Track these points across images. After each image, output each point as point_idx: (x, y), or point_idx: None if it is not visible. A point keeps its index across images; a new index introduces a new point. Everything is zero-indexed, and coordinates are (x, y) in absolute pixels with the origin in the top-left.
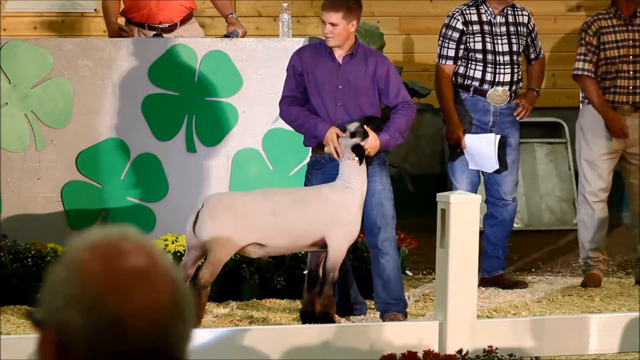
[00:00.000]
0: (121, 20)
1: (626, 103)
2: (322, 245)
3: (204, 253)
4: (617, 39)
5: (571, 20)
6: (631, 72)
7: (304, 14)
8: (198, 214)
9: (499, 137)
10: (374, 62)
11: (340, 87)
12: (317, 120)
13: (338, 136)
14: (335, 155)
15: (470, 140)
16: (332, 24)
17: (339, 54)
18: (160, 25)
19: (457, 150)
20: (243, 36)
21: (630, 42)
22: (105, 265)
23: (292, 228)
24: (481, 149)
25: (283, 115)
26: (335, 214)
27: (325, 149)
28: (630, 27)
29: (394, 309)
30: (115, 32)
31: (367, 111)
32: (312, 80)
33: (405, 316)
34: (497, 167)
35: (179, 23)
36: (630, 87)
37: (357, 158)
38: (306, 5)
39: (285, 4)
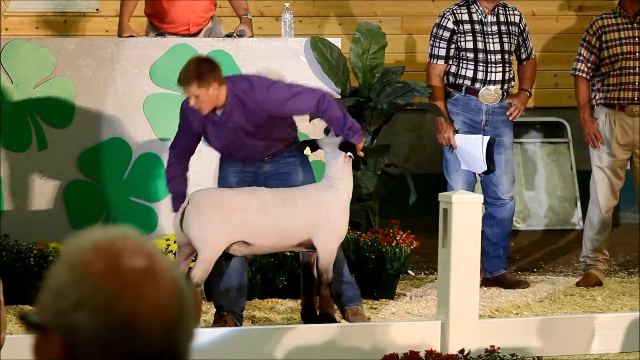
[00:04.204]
0: (142, 20)
1: (631, 99)
2: (309, 245)
3: (194, 250)
4: (620, 37)
5: (573, 20)
6: (636, 69)
7: (306, 14)
8: (184, 210)
9: (487, 138)
10: (252, 100)
11: (234, 137)
12: (178, 198)
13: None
14: None
15: (460, 141)
16: (194, 96)
17: (219, 112)
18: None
19: (450, 150)
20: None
21: (636, 39)
22: (110, 266)
23: (277, 227)
24: (469, 149)
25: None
26: (320, 214)
27: (306, 150)
28: (635, 25)
29: (354, 297)
30: (124, 35)
31: (273, 135)
32: (205, 136)
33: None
34: (485, 168)
35: (203, 29)
36: (637, 83)
37: (349, 153)
38: (308, 5)
39: (287, 4)
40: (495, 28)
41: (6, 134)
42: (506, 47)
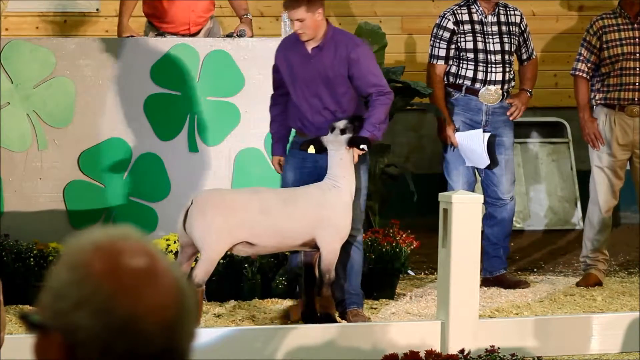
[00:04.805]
0: (142, 20)
1: (632, 100)
2: (313, 245)
3: (197, 251)
4: (620, 37)
5: (573, 20)
6: (637, 69)
7: None
8: (187, 211)
9: (488, 134)
10: (346, 48)
11: (313, 78)
12: (273, 140)
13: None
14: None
15: (461, 138)
16: (299, 20)
17: (311, 45)
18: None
19: (451, 148)
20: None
21: (637, 39)
22: (110, 266)
23: (280, 228)
24: (471, 145)
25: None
26: (322, 214)
27: (310, 148)
28: (635, 26)
29: (356, 304)
30: (124, 35)
31: (343, 100)
32: (287, 74)
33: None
34: (487, 162)
35: (202, 29)
36: (637, 84)
37: (363, 146)
38: None
39: None
40: (495, 28)
41: (6, 134)
42: (506, 47)
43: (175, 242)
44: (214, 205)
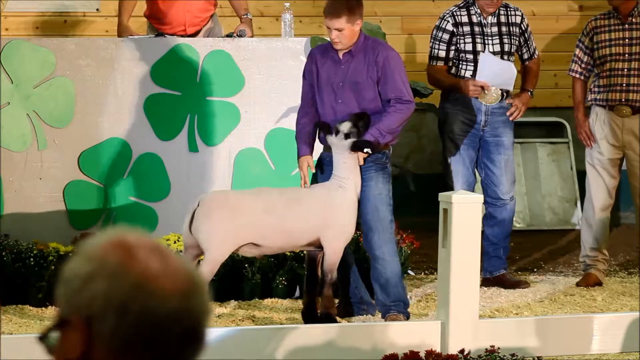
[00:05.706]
0: (142, 20)
1: (619, 101)
2: (318, 245)
3: (202, 252)
4: (610, 38)
5: (573, 20)
6: (625, 70)
7: (306, 14)
8: (194, 212)
9: (487, 52)
10: (374, 52)
11: (341, 84)
12: (301, 142)
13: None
14: (301, 183)
15: (484, 77)
16: (338, 30)
17: (342, 51)
18: (186, 35)
19: (456, 147)
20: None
21: (626, 40)
22: (118, 243)
23: (286, 228)
24: (494, 71)
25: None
26: (328, 214)
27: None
28: (626, 26)
29: (394, 310)
30: (123, 36)
31: (369, 107)
32: (317, 79)
33: (407, 316)
34: (513, 66)
35: (202, 29)
36: (624, 85)
37: (367, 150)
38: (308, 5)
39: (287, 4)
40: (495, 29)
41: (6, 134)
42: (506, 48)
43: (175, 242)
44: (219, 206)
